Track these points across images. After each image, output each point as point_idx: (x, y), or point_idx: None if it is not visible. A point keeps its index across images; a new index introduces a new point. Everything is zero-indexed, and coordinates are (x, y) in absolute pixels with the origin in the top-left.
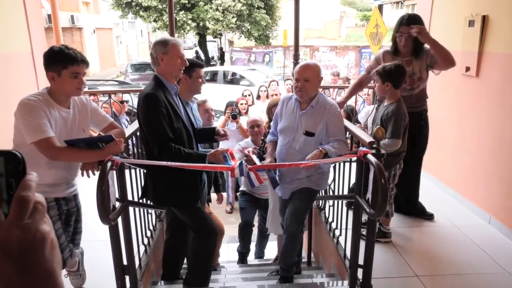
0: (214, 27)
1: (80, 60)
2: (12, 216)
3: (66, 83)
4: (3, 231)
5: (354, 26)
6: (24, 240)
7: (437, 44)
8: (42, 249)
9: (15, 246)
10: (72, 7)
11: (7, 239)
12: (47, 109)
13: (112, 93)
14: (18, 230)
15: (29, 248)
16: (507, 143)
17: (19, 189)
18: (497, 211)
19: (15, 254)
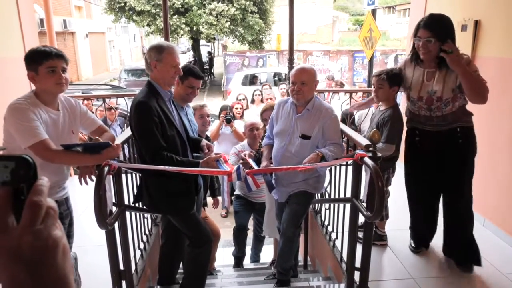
0: (208, 31)
1: (55, 54)
2: (24, 222)
3: (44, 79)
4: (15, 237)
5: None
6: (36, 246)
7: (469, 76)
8: (54, 255)
9: (27, 252)
10: (65, 11)
11: (19, 245)
12: (36, 111)
13: (107, 97)
14: (31, 236)
15: (41, 254)
16: (501, 145)
17: (31, 194)
18: (491, 214)
19: (27, 260)
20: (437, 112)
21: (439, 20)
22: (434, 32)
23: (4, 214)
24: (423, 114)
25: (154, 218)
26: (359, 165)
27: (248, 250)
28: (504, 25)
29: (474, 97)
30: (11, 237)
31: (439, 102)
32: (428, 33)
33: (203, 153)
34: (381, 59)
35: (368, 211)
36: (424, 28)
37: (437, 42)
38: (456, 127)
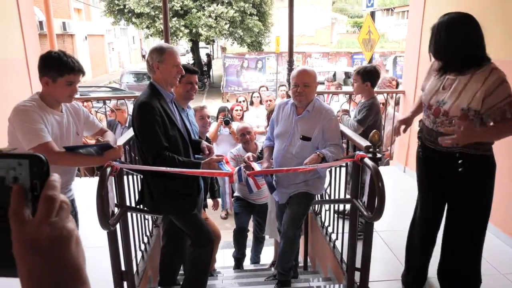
0: (207, 33)
1: (77, 70)
2: (40, 214)
3: (59, 90)
4: (33, 228)
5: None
6: (52, 236)
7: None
8: (69, 245)
9: (44, 242)
10: (64, 14)
11: (37, 235)
12: (42, 113)
13: (107, 99)
14: (47, 227)
15: (57, 244)
16: (501, 148)
17: (45, 189)
18: (491, 215)
19: (44, 250)
20: (440, 128)
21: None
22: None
23: (20, 208)
24: (426, 125)
25: (154, 220)
26: (359, 166)
27: (248, 251)
28: (502, 28)
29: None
30: (29, 229)
31: (444, 116)
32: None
33: (204, 155)
34: (380, 61)
35: (368, 211)
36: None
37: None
38: (456, 151)
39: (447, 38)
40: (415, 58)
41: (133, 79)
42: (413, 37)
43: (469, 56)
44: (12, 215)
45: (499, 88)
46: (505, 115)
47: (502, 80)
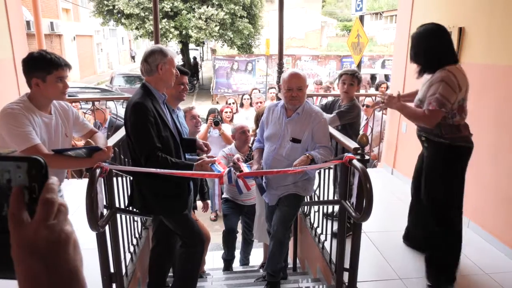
0: (197, 35)
1: (64, 64)
2: (39, 217)
3: (51, 88)
4: (31, 231)
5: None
6: (50, 239)
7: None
8: (67, 248)
9: (42, 245)
10: (52, 13)
11: (35, 238)
12: (30, 116)
13: (96, 101)
14: (45, 230)
15: (55, 247)
16: (484, 150)
17: (43, 192)
18: (475, 215)
19: (42, 253)
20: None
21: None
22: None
23: (18, 210)
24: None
25: (144, 221)
26: (348, 167)
27: (237, 253)
28: (487, 32)
29: (417, 124)
30: (27, 231)
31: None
32: None
33: (202, 152)
34: (369, 64)
35: (356, 212)
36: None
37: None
38: (423, 136)
39: (424, 46)
40: (403, 62)
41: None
42: (401, 41)
43: (438, 61)
44: (11, 218)
45: (435, 85)
46: (427, 107)
47: (440, 79)
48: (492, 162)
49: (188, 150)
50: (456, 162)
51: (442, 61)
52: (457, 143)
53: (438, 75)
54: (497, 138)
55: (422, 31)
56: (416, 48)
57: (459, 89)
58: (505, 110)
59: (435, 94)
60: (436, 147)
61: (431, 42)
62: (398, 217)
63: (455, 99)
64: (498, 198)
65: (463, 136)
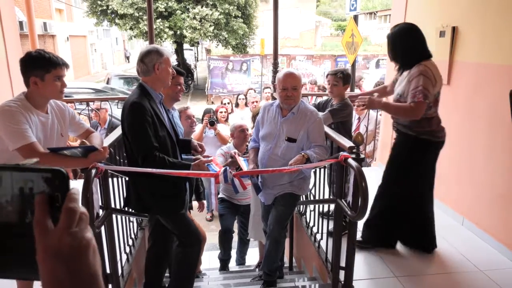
0: (192, 35)
1: (62, 63)
2: (62, 225)
3: (50, 87)
4: (55, 237)
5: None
6: (73, 245)
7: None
8: (87, 253)
9: (66, 251)
10: (45, 14)
11: (59, 244)
12: (27, 114)
13: (90, 101)
14: (68, 237)
15: (77, 253)
16: (478, 148)
17: (66, 201)
18: (469, 213)
19: (65, 257)
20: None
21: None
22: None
23: (43, 218)
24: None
25: (140, 222)
26: (343, 166)
27: (234, 253)
28: (480, 32)
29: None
30: (51, 238)
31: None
32: None
33: (197, 152)
34: (363, 63)
35: (352, 211)
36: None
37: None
38: (395, 127)
39: (400, 45)
40: None
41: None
42: None
43: (413, 58)
44: (36, 225)
45: (415, 79)
46: (412, 100)
47: (419, 73)
48: (486, 161)
49: (183, 150)
50: (420, 154)
51: (418, 57)
52: (422, 136)
53: (416, 70)
54: (491, 137)
55: (397, 31)
56: (393, 48)
57: (435, 82)
58: (499, 108)
59: (418, 87)
60: (404, 138)
61: (406, 41)
62: None
63: (433, 92)
64: (493, 196)
65: (432, 130)
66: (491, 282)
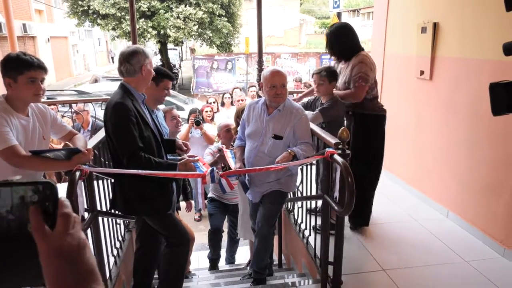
0: (176, 35)
1: (37, 66)
2: (60, 229)
3: (22, 89)
4: (56, 240)
5: (314, 33)
6: (72, 245)
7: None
8: (84, 251)
9: (67, 250)
10: (24, 15)
11: (60, 245)
12: (7, 117)
13: (73, 103)
14: (68, 238)
15: (76, 251)
16: (461, 141)
17: (60, 208)
18: (453, 206)
19: (67, 256)
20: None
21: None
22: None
23: (40, 225)
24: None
25: (127, 224)
26: (329, 162)
27: (223, 252)
28: (460, 27)
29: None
30: (52, 241)
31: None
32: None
33: (182, 152)
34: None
35: (339, 206)
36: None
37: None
38: (349, 111)
39: (336, 41)
40: (380, 57)
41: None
42: (378, 37)
43: (349, 50)
44: (35, 231)
45: (356, 66)
46: (354, 85)
47: (360, 62)
48: (468, 153)
49: (167, 150)
50: (378, 127)
51: (355, 48)
52: (376, 112)
53: (356, 59)
54: (472, 130)
55: (334, 30)
56: (332, 43)
57: (373, 67)
58: (479, 101)
59: (358, 73)
60: (362, 119)
61: (345, 36)
62: (380, 210)
63: (372, 76)
64: (476, 188)
65: (380, 106)
66: (477, 273)
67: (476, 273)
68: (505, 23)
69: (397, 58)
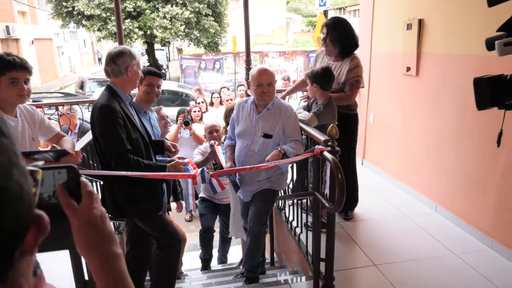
0: (162, 35)
1: (19, 66)
2: (87, 203)
3: (5, 90)
4: (85, 212)
5: (301, 31)
6: (97, 215)
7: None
8: (106, 219)
9: (95, 219)
10: (7, 17)
11: (89, 216)
12: None
13: (60, 105)
14: (94, 210)
15: (101, 220)
16: (447, 136)
17: (83, 187)
18: (442, 200)
19: (95, 224)
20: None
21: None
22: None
23: (69, 201)
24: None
25: (117, 226)
26: (319, 159)
27: (215, 252)
28: (444, 24)
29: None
30: (82, 213)
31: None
32: (324, 30)
33: (170, 153)
34: None
35: (330, 202)
36: (322, 26)
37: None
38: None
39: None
40: (367, 55)
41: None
42: (365, 35)
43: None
44: (66, 207)
45: (354, 70)
46: (350, 88)
47: (356, 65)
48: (455, 148)
49: (156, 152)
50: (355, 126)
51: (353, 48)
52: (355, 112)
53: (353, 63)
54: (459, 125)
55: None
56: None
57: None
58: (465, 96)
59: (355, 77)
60: (345, 118)
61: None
62: (370, 206)
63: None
64: (464, 182)
65: (355, 106)
66: (466, 265)
67: (465, 265)
68: (489, 19)
69: (383, 55)
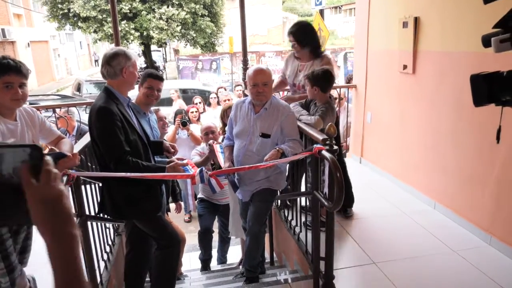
0: (159, 36)
1: (14, 70)
2: (44, 181)
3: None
4: (41, 189)
5: None
6: (54, 193)
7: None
8: (63, 198)
9: (49, 197)
10: (2, 20)
11: (44, 193)
12: None
13: (57, 108)
14: (50, 188)
15: (57, 197)
16: (445, 133)
17: (44, 165)
18: (441, 197)
19: (49, 202)
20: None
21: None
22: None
23: (27, 178)
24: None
25: (116, 228)
26: (318, 158)
27: (214, 252)
28: (440, 21)
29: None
30: (38, 190)
31: (303, 89)
32: (292, 38)
33: (169, 154)
34: (332, 57)
35: (328, 201)
36: (288, 35)
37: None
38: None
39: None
40: (363, 53)
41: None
42: (361, 34)
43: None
44: (25, 184)
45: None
46: None
47: (327, 63)
48: (453, 145)
49: (155, 153)
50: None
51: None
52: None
53: (324, 61)
54: (456, 122)
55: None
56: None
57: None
58: (462, 94)
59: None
60: None
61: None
62: (368, 203)
63: None
64: (462, 179)
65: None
66: (464, 261)
67: (464, 262)
68: (485, 16)
69: (380, 53)
